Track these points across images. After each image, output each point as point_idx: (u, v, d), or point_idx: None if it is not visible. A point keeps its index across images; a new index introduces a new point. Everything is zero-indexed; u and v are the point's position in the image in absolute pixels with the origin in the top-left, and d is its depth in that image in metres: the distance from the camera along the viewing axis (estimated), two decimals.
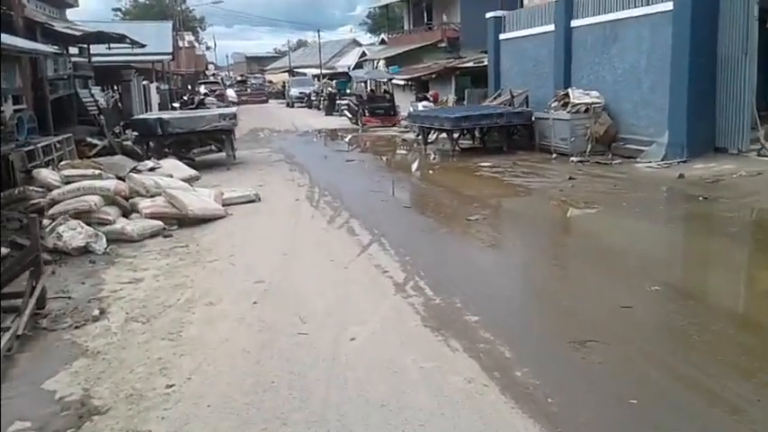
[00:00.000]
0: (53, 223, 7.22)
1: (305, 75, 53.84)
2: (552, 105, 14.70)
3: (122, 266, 6.69)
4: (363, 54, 45.64)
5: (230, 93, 45.43)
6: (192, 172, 11.36)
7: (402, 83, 28.81)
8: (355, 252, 7.03)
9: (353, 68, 44.05)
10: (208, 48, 73.50)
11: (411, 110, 19.88)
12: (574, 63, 15.55)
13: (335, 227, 8.31)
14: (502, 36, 19.21)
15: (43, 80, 13.86)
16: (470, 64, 26.18)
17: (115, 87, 22.89)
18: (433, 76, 26.70)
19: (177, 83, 37.99)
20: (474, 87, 24.07)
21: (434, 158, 15.15)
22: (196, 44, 58.16)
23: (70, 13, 23.50)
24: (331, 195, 10.43)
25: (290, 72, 59.91)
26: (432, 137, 16.68)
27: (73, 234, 7.03)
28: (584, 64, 15.17)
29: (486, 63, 25.18)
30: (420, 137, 17.19)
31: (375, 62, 38.96)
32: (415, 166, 14.20)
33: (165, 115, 13.67)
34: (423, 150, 16.36)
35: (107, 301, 5.64)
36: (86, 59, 18.92)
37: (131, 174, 8.57)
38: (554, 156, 13.86)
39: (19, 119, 11.47)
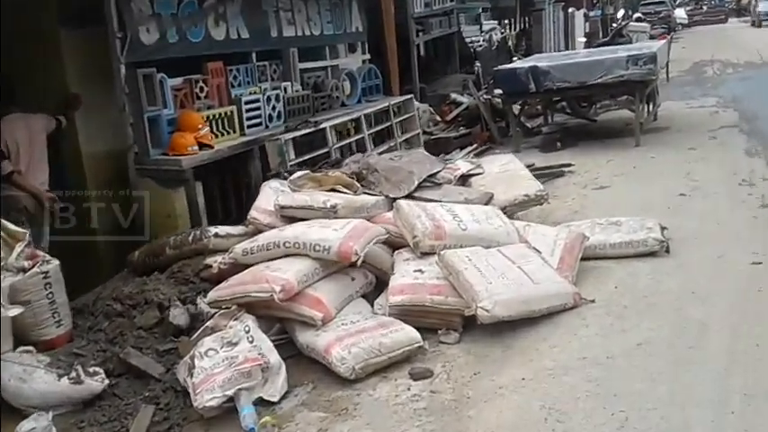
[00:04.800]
0: (200, 337, 3.56)
1: None
2: None
3: None
4: None
5: (679, 13, 37.43)
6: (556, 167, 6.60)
7: None
8: None
9: None
10: None
11: None
12: None
13: None
14: None
15: (407, 18, 10.56)
16: None
17: (524, 20, 18.93)
18: None
19: (617, 5, 32.13)
20: None
21: None
22: None
23: None
24: None
25: None
26: None
27: (212, 367, 3.24)
28: None
29: None
30: None
31: None
32: None
33: (544, 62, 8.94)
34: None
35: None
36: None
37: (402, 203, 4.31)
38: None
39: (347, 75, 8.30)
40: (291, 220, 4.36)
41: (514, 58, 12.97)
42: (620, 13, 21.21)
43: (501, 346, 3.62)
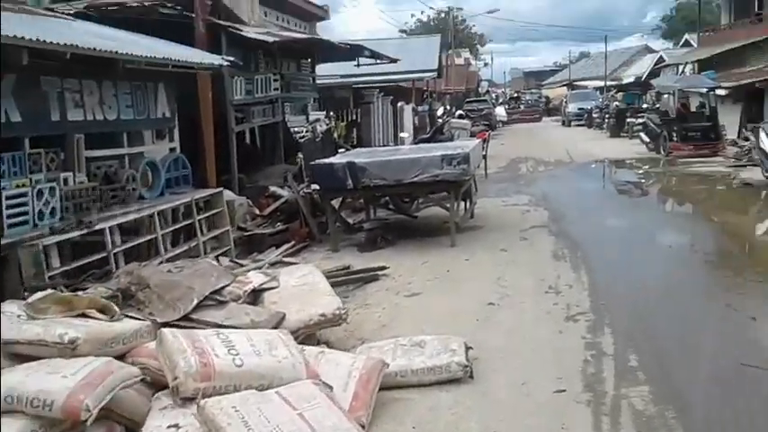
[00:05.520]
0: None
1: (586, 88, 46.97)
2: None
3: None
4: (660, 60, 37.51)
5: (499, 111, 40.58)
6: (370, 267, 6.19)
7: (723, 93, 20.79)
8: None
9: (645, 78, 36.14)
10: (486, 64, 70.48)
11: (760, 138, 12.43)
12: None
13: None
14: None
15: (226, 105, 9.96)
16: None
17: (357, 111, 19.15)
18: None
19: (445, 103, 34.06)
20: None
21: None
22: (473, 61, 55.02)
23: (322, 28, 20.52)
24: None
25: (569, 85, 53.24)
26: None
27: None
28: None
29: None
30: None
31: (679, 68, 30.76)
32: None
33: (362, 158, 8.75)
34: None
35: None
36: (308, 77, 14.94)
37: (165, 333, 3.56)
38: None
39: (148, 165, 7.46)
40: (24, 359, 3.44)
41: (341, 150, 12.83)
42: (440, 110, 22.28)
43: None
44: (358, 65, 15.22)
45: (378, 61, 14.83)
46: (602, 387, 4.13)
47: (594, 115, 32.46)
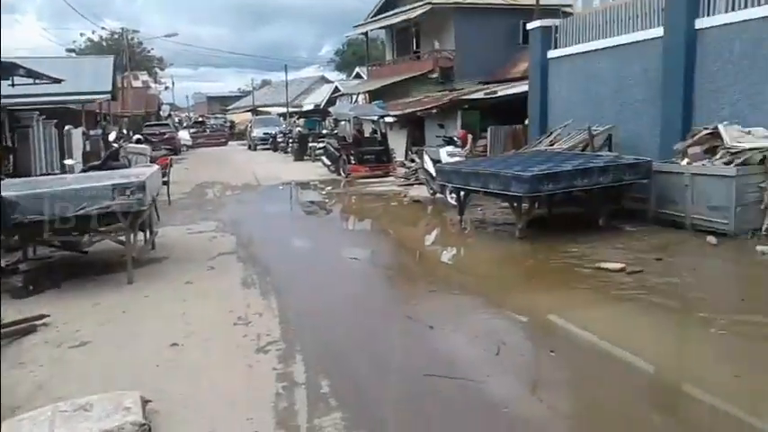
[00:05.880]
0: None
1: (269, 114, 48.24)
2: (689, 151, 8.81)
3: None
4: (336, 90, 40.27)
5: (183, 135, 39.37)
6: None
7: (391, 120, 23.00)
8: None
9: (324, 105, 38.50)
10: (167, 88, 67.84)
11: (424, 159, 13.83)
12: (699, 85, 9.78)
13: None
14: (552, 53, 13.43)
15: None
16: (480, 95, 20.59)
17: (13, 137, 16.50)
18: (434, 111, 20.88)
19: (122, 126, 31.56)
20: (487, 123, 18.38)
21: (476, 237, 9.15)
22: (152, 84, 52.34)
23: None
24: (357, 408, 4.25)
25: (254, 111, 54.17)
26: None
27: None
28: (724, 85, 9.39)
29: (500, 95, 19.85)
30: (452, 198, 11.32)
31: (353, 97, 33.33)
32: (486, 269, 8.15)
33: (12, 191, 7.37)
34: (460, 224, 10.39)
35: None
36: None
37: None
38: (711, 240, 7.93)
39: None
40: None
41: None
42: (113, 134, 20.53)
43: None
44: (13, 85, 13.19)
45: (37, 81, 13.01)
46: (295, 421, 3.89)
47: (279, 140, 33.31)
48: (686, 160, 8.76)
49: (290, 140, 30.30)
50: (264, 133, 36.85)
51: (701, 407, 4.03)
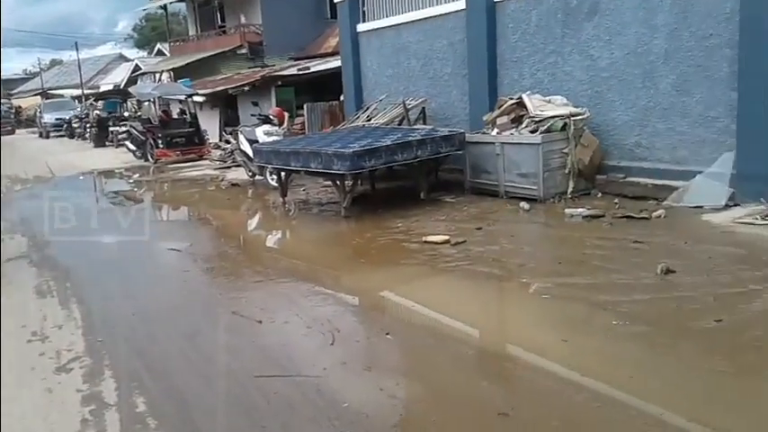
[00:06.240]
0: None
1: (63, 96, 43.86)
2: (497, 121, 9.15)
3: None
4: (137, 68, 37.48)
5: None
6: None
7: (201, 100, 21.79)
8: None
9: (124, 86, 35.67)
10: None
11: (239, 140, 13.16)
12: (502, 56, 10.22)
13: None
14: (361, 27, 13.37)
15: None
16: (293, 71, 20.21)
17: None
18: (246, 88, 20.08)
19: None
20: (303, 100, 18.12)
21: (301, 219, 8.88)
22: None
23: None
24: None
25: (44, 94, 48.90)
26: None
27: None
28: (524, 56, 9.88)
29: (313, 70, 19.68)
30: (272, 180, 10.93)
31: (156, 76, 31.18)
32: (317, 252, 7.81)
33: None
34: (283, 206, 10.00)
35: None
36: None
37: None
38: (524, 206, 8.30)
39: None
40: None
41: None
42: None
43: None
44: None
45: None
46: None
47: (75, 125, 30.41)
48: (496, 130, 9.10)
49: (88, 125, 27.72)
50: (57, 119, 33.51)
51: (538, 374, 4.09)
